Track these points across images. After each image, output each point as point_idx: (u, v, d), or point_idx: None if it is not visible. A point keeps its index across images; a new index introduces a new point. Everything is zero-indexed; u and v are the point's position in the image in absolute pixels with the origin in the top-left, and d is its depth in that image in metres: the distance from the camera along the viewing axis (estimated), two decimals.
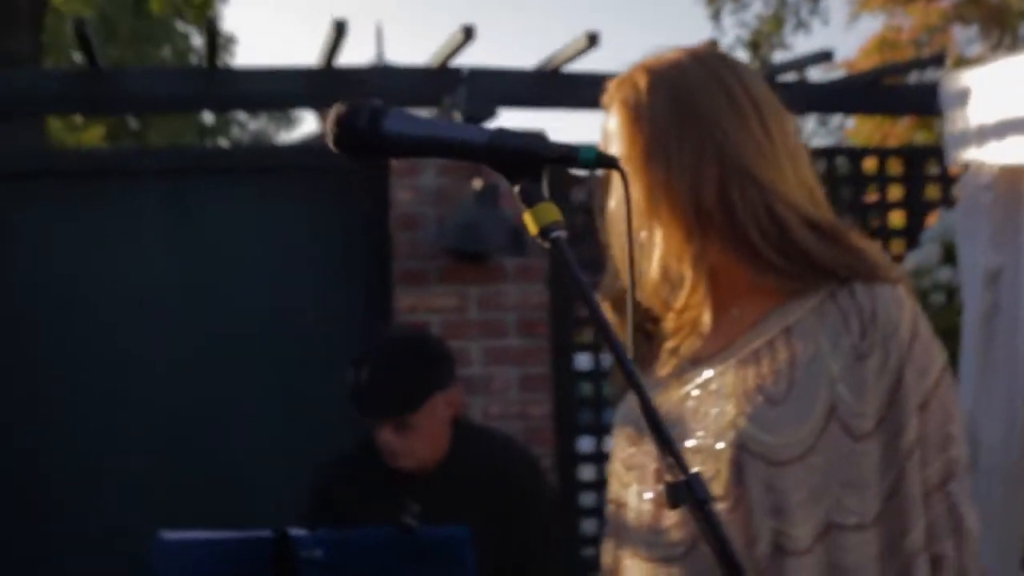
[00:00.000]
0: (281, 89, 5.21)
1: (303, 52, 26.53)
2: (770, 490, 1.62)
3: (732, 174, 1.66)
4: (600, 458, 5.25)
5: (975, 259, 4.00)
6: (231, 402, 4.94)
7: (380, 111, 1.46)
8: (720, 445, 1.65)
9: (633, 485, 1.76)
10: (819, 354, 1.65)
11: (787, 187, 1.67)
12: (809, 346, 1.66)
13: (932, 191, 5.73)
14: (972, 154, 3.96)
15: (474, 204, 4.71)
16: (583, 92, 5.09)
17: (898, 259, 5.09)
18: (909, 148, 8.43)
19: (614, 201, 1.74)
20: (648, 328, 1.79)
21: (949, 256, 4.50)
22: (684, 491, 1.34)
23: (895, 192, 5.89)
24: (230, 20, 23.89)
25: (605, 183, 1.77)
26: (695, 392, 1.71)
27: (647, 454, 1.73)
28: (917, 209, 5.73)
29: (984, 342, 3.96)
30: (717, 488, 1.63)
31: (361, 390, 3.10)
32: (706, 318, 1.74)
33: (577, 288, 1.40)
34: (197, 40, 27.84)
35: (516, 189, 1.43)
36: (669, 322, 1.76)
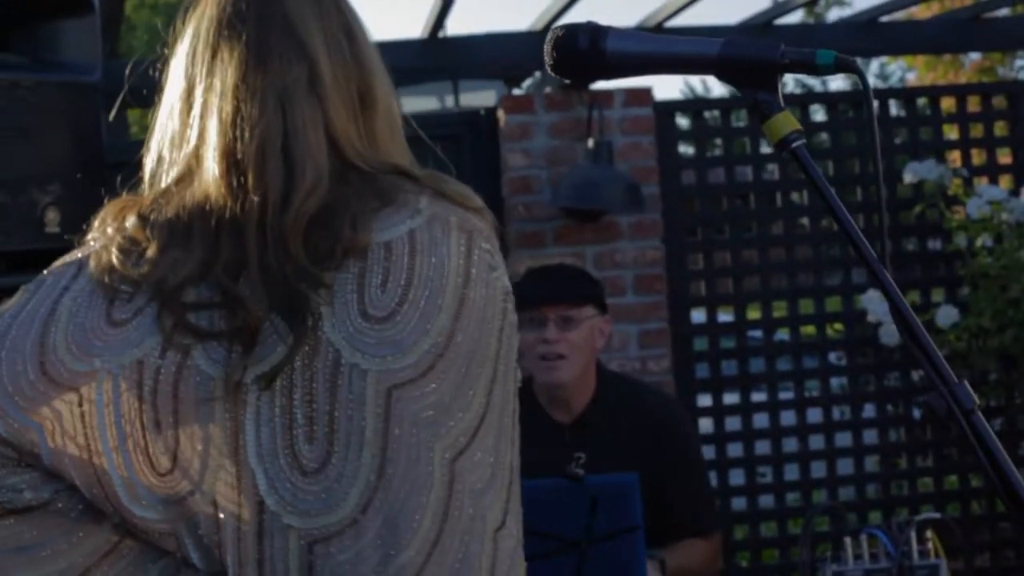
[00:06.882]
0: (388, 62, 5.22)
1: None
2: None
3: None
4: (719, 412, 5.22)
5: None
6: None
7: (601, 30, 1.42)
8: None
9: None
10: None
11: None
12: None
13: None
14: None
15: (589, 163, 4.65)
16: None
17: (1013, 194, 5.01)
18: (1014, 83, 8.24)
19: None
20: None
21: None
22: (949, 401, 1.30)
23: (1000, 129, 5.79)
24: None
25: None
26: None
27: None
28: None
29: None
30: None
31: (528, 282, 3.26)
32: None
33: (823, 196, 1.36)
34: None
35: (751, 100, 1.38)
36: None
